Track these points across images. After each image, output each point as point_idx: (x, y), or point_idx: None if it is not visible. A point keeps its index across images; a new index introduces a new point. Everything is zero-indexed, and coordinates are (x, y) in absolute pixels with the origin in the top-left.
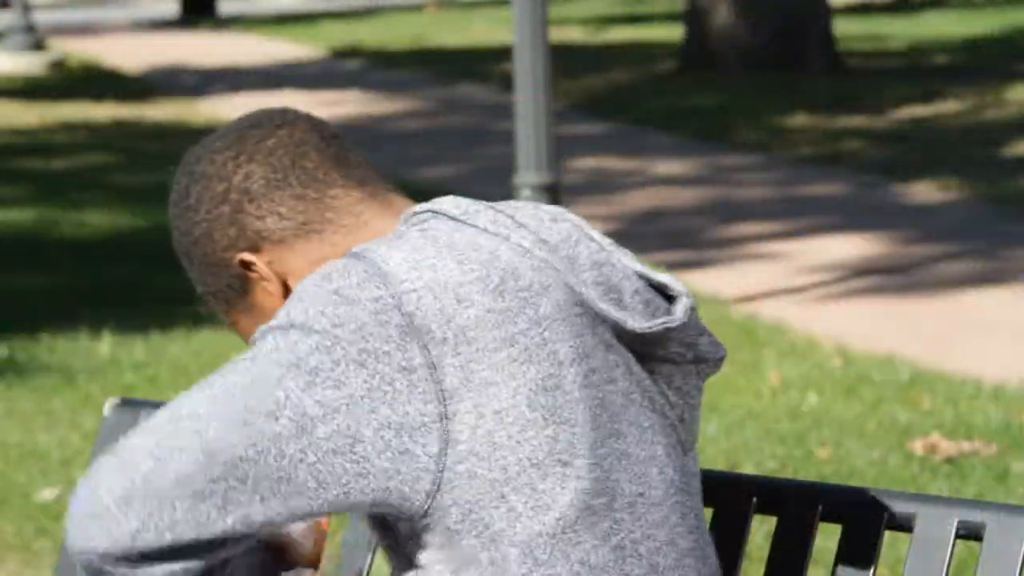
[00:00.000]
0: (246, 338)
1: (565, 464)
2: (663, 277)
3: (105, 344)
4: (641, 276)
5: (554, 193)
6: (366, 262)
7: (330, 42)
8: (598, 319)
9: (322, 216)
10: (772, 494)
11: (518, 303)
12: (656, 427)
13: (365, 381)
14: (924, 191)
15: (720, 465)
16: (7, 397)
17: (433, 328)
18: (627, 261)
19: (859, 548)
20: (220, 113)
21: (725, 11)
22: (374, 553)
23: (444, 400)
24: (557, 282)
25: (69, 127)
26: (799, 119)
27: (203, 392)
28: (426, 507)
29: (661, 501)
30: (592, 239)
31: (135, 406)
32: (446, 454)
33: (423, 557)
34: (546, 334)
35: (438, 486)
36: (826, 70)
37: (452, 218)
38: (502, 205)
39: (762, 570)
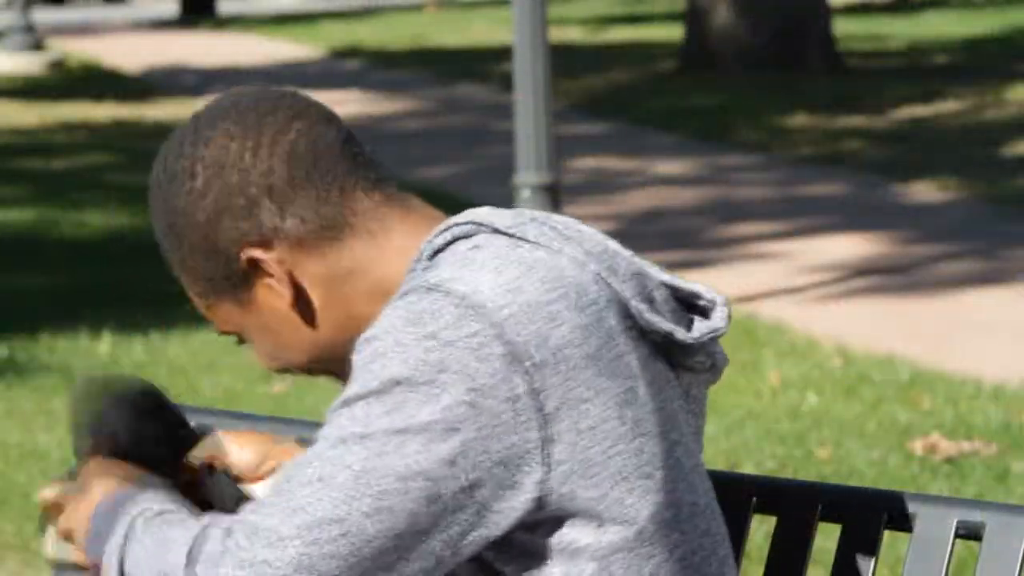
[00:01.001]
0: (221, 324)
1: (648, 476)
2: (694, 286)
3: (105, 344)
4: (667, 285)
5: (554, 193)
6: (453, 296)
7: (330, 42)
8: (643, 331)
9: (344, 220)
10: (772, 494)
11: (594, 318)
12: (691, 434)
13: (474, 421)
14: (924, 191)
15: (720, 465)
16: (7, 397)
17: (533, 352)
18: (654, 271)
19: (859, 548)
20: None
21: (725, 11)
22: None
23: (546, 424)
24: (612, 295)
25: (69, 127)
26: (799, 119)
27: (331, 487)
28: (524, 527)
29: (704, 510)
30: (620, 250)
31: None
32: (549, 478)
33: (494, 569)
34: (619, 347)
35: (544, 508)
36: (826, 70)
37: (500, 232)
38: (535, 214)
39: (762, 570)
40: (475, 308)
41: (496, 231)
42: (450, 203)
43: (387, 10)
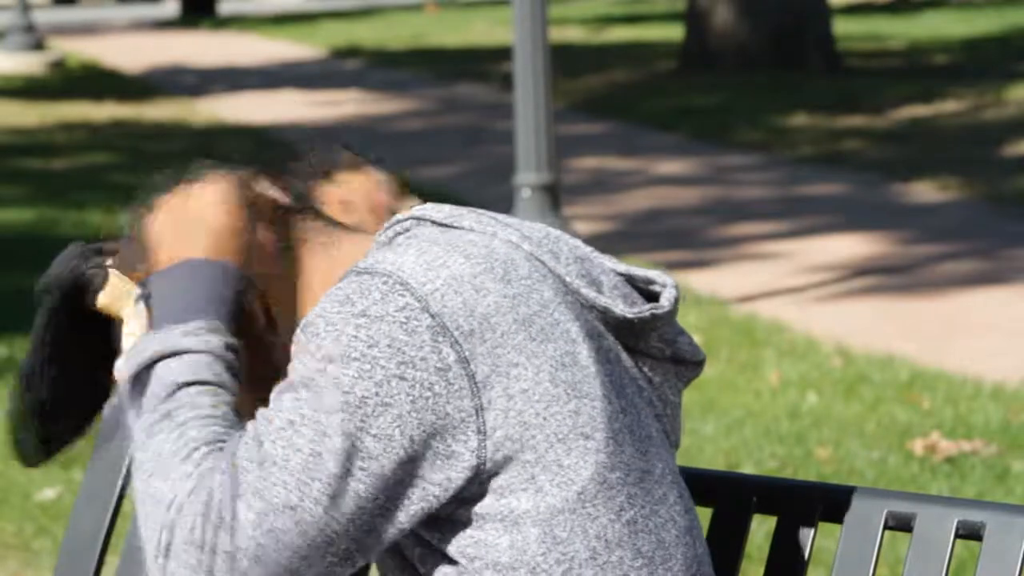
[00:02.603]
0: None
1: (587, 437)
2: (648, 272)
3: None
4: (620, 274)
5: (554, 193)
6: (380, 276)
7: (330, 42)
8: (586, 308)
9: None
10: (772, 494)
11: (524, 289)
12: (647, 411)
13: (407, 393)
14: (924, 191)
15: (720, 465)
16: (7, 397)
17: (460, 322)
18: (604, 260)
19: (859, 548)
20: (220, 113)
21: (725, 11)
22: None
23: (478, 392)
24: (547, 273)
25: (69, 127)
26: (799, 119)
27: (284, 472)
28: (463, 500)
29: (660, 479)
30: (568, 239)
31: None
32: (485, 446)
33: (441, 551)
34: (555, 315)
35: (480, 477)
36: (826, 70)
37: (436, 223)
38: (479, 210)
39: (762, 570)
40: (401, 284)
41: (434, 223)
42: (450, 203)
43: (387, 10)
